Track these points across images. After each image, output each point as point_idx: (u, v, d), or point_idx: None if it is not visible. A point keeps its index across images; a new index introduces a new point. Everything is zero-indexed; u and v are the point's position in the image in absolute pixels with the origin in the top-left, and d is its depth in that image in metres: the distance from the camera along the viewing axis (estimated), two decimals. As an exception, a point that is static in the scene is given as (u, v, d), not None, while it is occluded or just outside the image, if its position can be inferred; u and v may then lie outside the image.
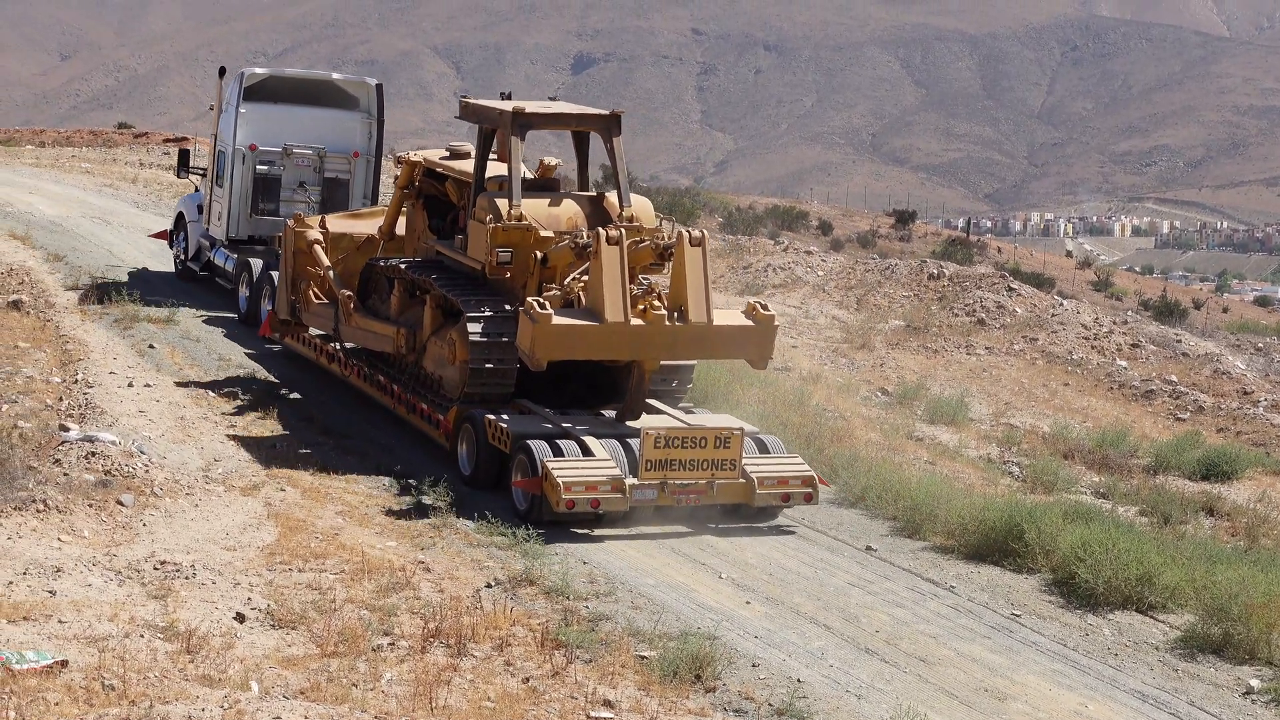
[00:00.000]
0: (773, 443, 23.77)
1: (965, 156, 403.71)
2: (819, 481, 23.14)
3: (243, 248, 34.85)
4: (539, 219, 24.27)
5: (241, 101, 34.95)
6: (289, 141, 35.06)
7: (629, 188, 25.11)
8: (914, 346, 40.52)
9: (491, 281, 24.60)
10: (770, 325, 23.98)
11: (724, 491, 22.37)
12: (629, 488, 21.75)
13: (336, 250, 28.94)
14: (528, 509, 22.03)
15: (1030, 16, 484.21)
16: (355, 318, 27.13)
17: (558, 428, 22.92)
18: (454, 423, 24.25)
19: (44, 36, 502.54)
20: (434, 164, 27.32)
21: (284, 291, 29.35)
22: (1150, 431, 34.53)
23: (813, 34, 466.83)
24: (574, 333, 22.63)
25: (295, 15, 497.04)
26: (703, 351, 24.17)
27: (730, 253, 52.11)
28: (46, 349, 28.43)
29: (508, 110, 24.72)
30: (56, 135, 79.55)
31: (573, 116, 25.94)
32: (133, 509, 19.79)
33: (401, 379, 26.30)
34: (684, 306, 23.16)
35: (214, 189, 35.82)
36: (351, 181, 35.29)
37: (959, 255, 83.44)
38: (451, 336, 24.39)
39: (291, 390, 27.98)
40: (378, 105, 35.72)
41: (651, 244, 23.62)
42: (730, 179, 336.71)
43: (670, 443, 22.05)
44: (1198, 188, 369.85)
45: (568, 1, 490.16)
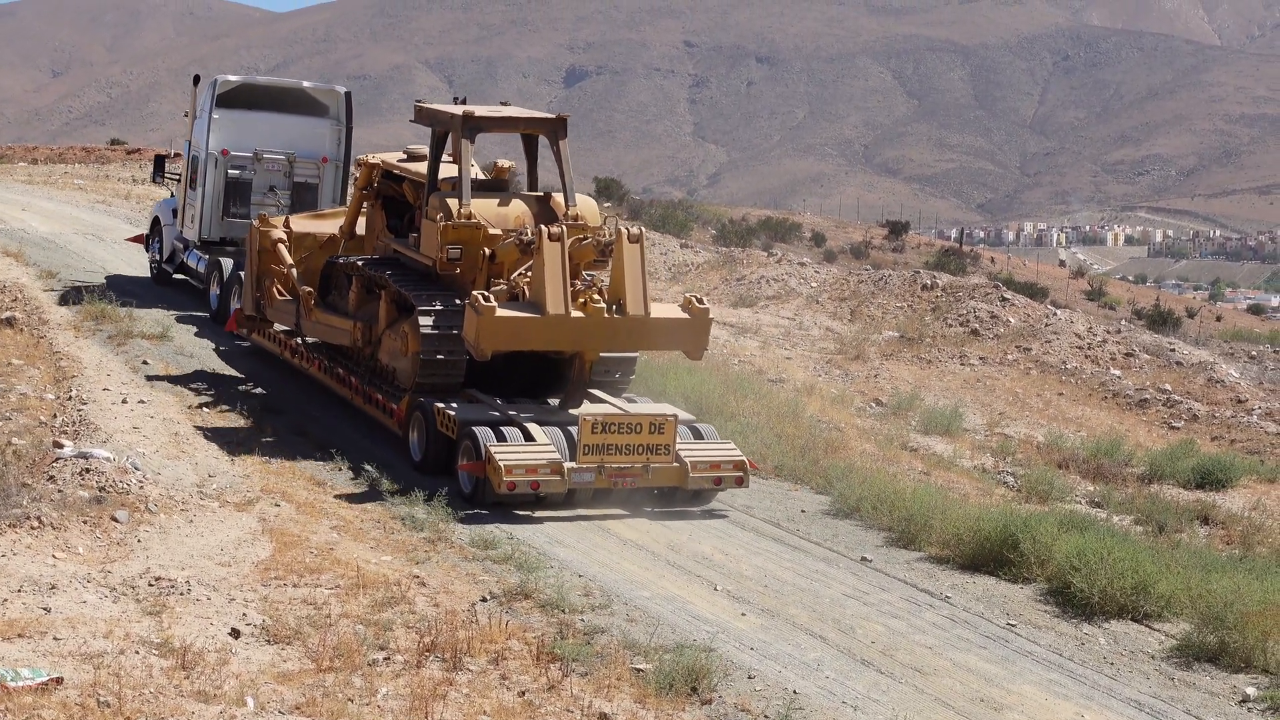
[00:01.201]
0: (707, 430, 24.87)
1: (958, 167, 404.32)
2: (750, 465, 24.34)
3: (214, 249, 35.96)
4: (488, 217, 25.53)
5: (214, 108, 36.11)
6: (260, 147, 36.25)
7: (574, 188, 26.26)
8: (908, 357, 40.53)
9: (443, 277, 25.78)
10: (705, 318, 25.06)
11: (659, 475, 23.46)
12: (567, 471, 22.86)
13: (300, 249, 30.08)
14: (472, 491, 23.27)
15: (1021, 26, 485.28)
16: (316, 313, 28.36)
17: (503, 415, 24.10)
18: (406, 411, 25.41)
19: (36, 53, 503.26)
20: (391, 166, 28.54)
21: (249, 289, 30.53)
22: (1144, 440, 34.54)
23: (804, 46, 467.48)
24: (517, 324, 23.77)
25: (287, 30, 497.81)
26: (640, 343, 25.30)
27: (723, 265, 52.14)
28: (40, 366, 28.39)
29: (458, 114, 26.05)
30: (49, 152, 79.58)
31: (520, 120, 27.13)
32: (127, 525, 19.77)
33: (359, 371, 27.45)
34: (622, 300, 24.32)
35: (188, 193, 36.88)
36: (321, 186, 36.43)
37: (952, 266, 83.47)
38: (405, 330, 25.56)
39: (285, 405, 27.95)
40: (347, 112, 36.88)
41: (593, 241, 24.64)
42: (723, 191, 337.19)
43: (607, 428, 23.13)
44: (1190, 196, 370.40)
45: (560, 15, 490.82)
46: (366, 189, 29.15)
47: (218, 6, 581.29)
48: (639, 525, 22.66)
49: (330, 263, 29.30)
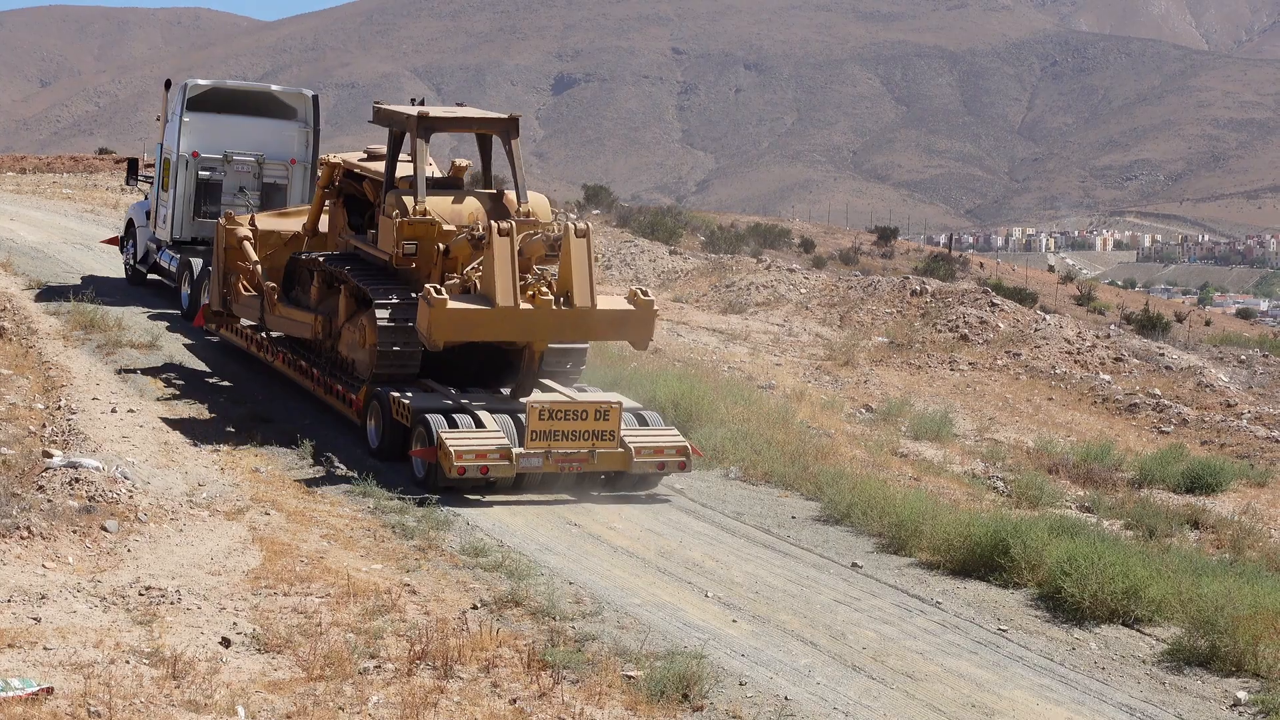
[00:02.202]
0: (651, 417, 25.91)
1: (946, 173, 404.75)
2: (692, 450, 25.31)
3: (186, 248, 36.85)
4: (442, 214, 26.51)
5: (185, 111, 36.98)
6: (230, 149, 37.11)
7: (525, 185, 27.32)
8: (897, 363, 40.57)
9: (399, 272, 26.71)
10: (649, 309, 26.02)
11: (604, 460, 24.46)
12: (516, 456, 23.89)
13: (266, 246, 31.01)
14: (425, 476, 24.34)
15: (1009, 32, 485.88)
16: (279, 307, 29.34)
17: (455, 404, 25.11)
18: (364, 401, 26.41)
19: (24, 63, 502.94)
20: (352, 165, 29.47)
21: (216, 285, 31.49)
22: (1134, 445, 34.57)
23: (793, 52, 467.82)
24: (468, 316, 24.81)
25: (275, 39, 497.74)
26: (587, 333, 26.33)
27: (713, 271, 52.18)
28: (29, 375, 28.39)
29: (413, 115, 26.95)
30: (37, 162, 79.52)
31: (474, 120, 28.12)
32: (117, 535, 19.75)
33: (320, 363, 28.44)
34: (570, 292, 25.28)
35: (160, 194, 37.75)
36: (289, 187, 37.32)
37: (941, 271, 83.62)
38: (363, 322, 26.59)
39: (276, 415, 27.93)
40: (314, 115, 37.90)
41: (543, 237, 25.67)
42: (712, 198, 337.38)
43: (554, 415, 24.21)
44: (1178, 201, 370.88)
45: (548, 22, 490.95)
46: (328, 188, 30.02)
47: (206, 16, 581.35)
48: (630, 533, 22.66)
49: (293, 259, 30.32)
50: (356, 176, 29.48)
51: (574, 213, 72.36)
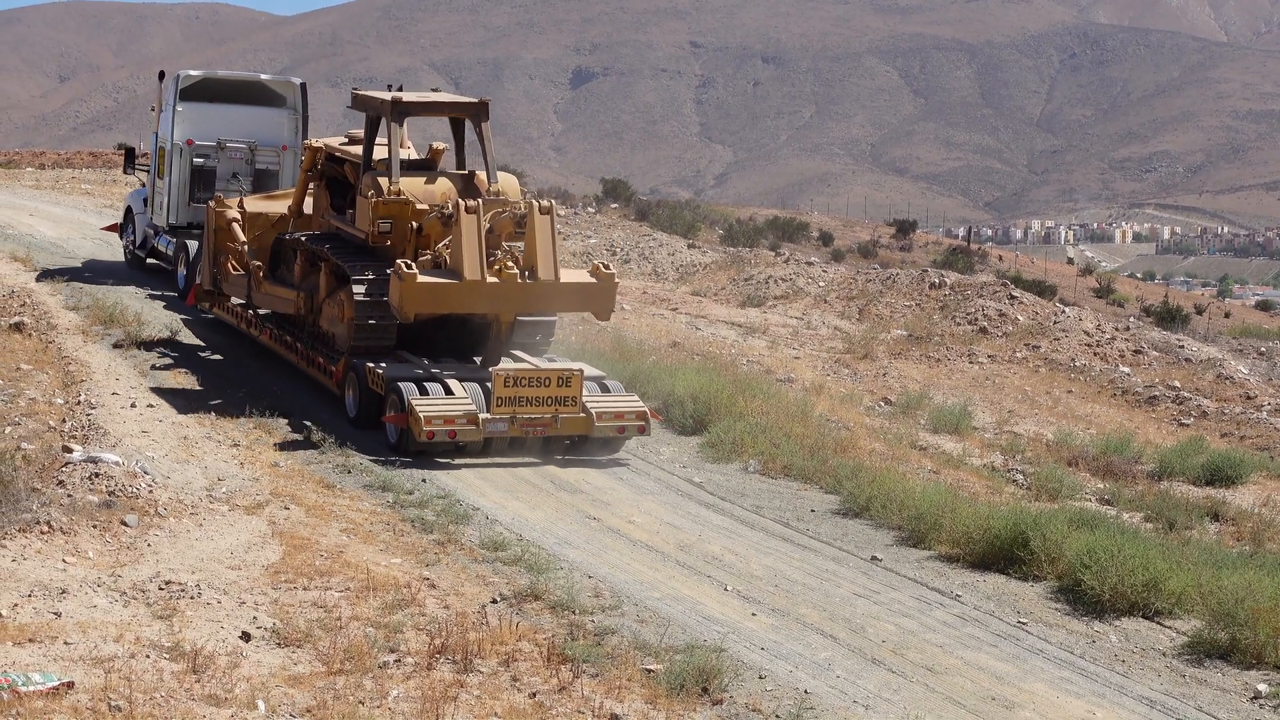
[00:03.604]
0: (614, 385, 27.39)
1: (965, 165, 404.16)
2: (651, 415, 26.98)
3: (181, 233, 38.12)
4: (415, 194, 28.07)
5: (179, 101, 38.45)
6: (223, 136, 38.56)
7: (496, 166, 28.71)
8: (916, 356, 40.53)
9: (376, 249, 28.18)
10: (610, 282, 27.64)
11: (567, 424, 25.99)
12: (482, 421, 25.37)
13: (254, 228, 32.57)
14: (397, 441, 25.89)
15: (1028, 24, 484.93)
16: (265, 285, 30.90)
17: (426, 373, 26.54)
18: (342, 372, 27.88)
19: (42, 59, 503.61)
20: (333, 149, 30.75)
21: (207, 265, 33.18)
22: (1154, 437, 34.50)
23: (811, 45, 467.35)
24: (437, 290, 26.31)
25: (293, 34, 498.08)
26: (551, 305, 27.88)
27: (731, 265, 52.14)
28: (49, 371, 28.44)
29: (387, 100, 28.37)
30: (56, 157, 79.57)
31: (446, 105, 29.85)
32: (137, 529, 19.78)
33: (303, 337, 29.89)
34: (535, 266, 26.79)
35: (156, 182, 39.13)
36: (280, 172, 38.62)
37: (960, 264, 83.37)
38: (341, 297, 28.12)
39: (296, 408, 27.96)
40: (302, 102, 39.22)
41: (511, 214, 27.14)
42: (730, 191, 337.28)
43: (518, 382, 25.72)
44: (1198, 193, 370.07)
45: (566, 16, 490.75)
46: (311, 170, 31.35)
47: (224, 11, 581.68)
48: (649, 526, 22.66)
49: (278, 239, 31.77)
50: (338, 160, 30.69)
51: (592, 206, 72.38)
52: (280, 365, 30.89)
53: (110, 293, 35.97)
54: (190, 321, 34.63)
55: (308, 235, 30.61)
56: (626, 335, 36.74)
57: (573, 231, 58.20)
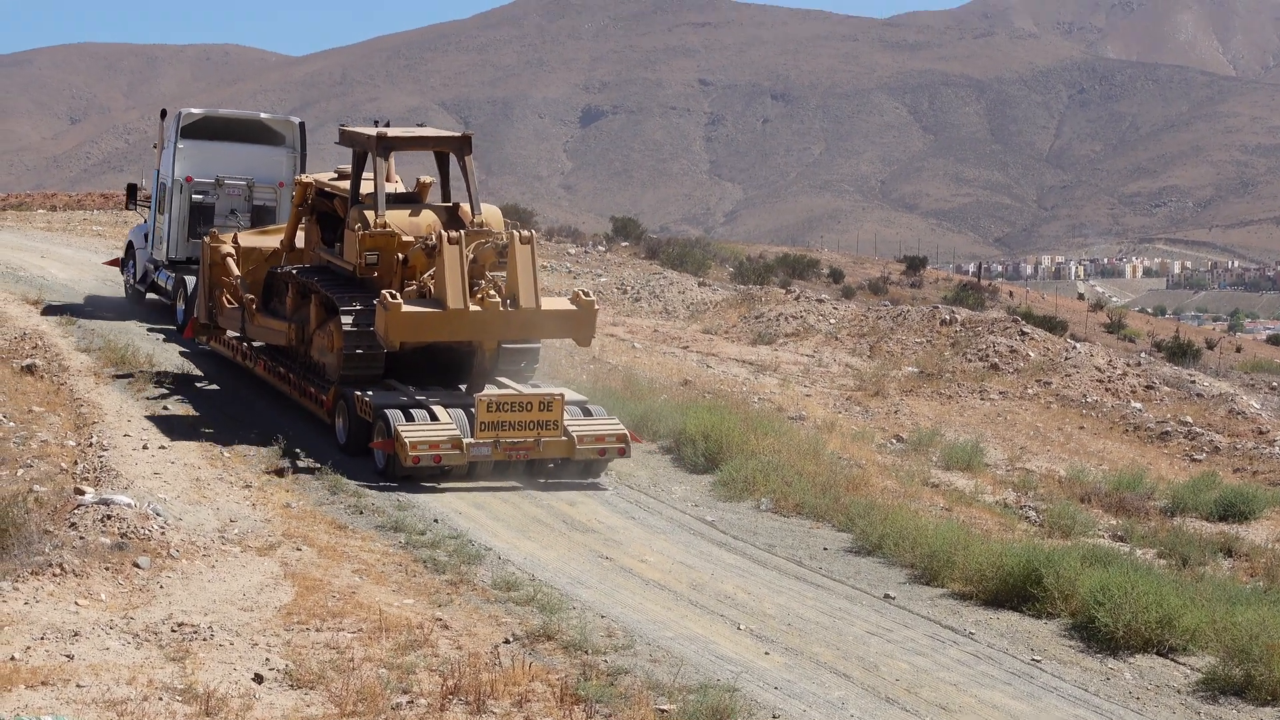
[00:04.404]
0: (596, 410, 28.07)
1: (975, 201, 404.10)
2: (632, 437, 27.70)
3: (181, 268, 38.67)
4: (401, 226, 28.86)
5: (179, 138, 39.07)
6: (221, 173, 39.24)
7: (479, 198, 29.33)
8: (928, 393, 40.50)
9: (364, 281, 28.90)
10: (590, 309, 28.46)
11: (549, 447, 26.73)
12: (467, 445, 26.19)
13: (249, 262, 33.24)
14: (385, 466, 26.54)
15: (1036, 60, 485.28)
16: (258, 317, 31.67)
17: (413, 400, 27.25)
18: (333, 401, 28.71)
19: (54, 101, 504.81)
20: (323, 184, 31.65)
21: (203, 299, 33.78)
22: (1166, 473, 34.46)
23: (819, 82, 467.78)
24: (421, 318, 27.19)
25: (303, 74, 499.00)
26: (533, 332, 28.63)
27: (742, 302, 52.12)
28: (61, 413, 28.46)
29: (373, 135, 29.17)
30: (67, 199, 79.70)
31: (430, 139, 30.53)
32: (149, 571, 19.78)
33: (295, 368, 30.58)
34: (516, 294, 27.63)
35: (156, 217, 39.75)
36: (278, 208, 39.13)
37: (970, 300, 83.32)
38: (331, 328, 28.90)
39: (309, 450, 27.95)
40: (301, 141, 39.82)
41: (493, 244, 28.03)
42: (740, 228, 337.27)
43: (501, 407, 26.48)
44: (1208, 227, 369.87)
45: (575, 55, 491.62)
46: (303, 205, 32.19)
47: (234, 51, 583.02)
48: (662, 565, 22.64)
49: (271, 272, 32.52)
50: (328, 194, 31.47)
51: (602, 244, 72.39)
52: (293, 405, 30.91)
53: (121, 334, 36.01)
54: (201, 362, 34.65)
55: (298, 268, 31.42)
56: (638, 374, 36.75)
57: (583, 270, 58.21)
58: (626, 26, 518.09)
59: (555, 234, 76.07)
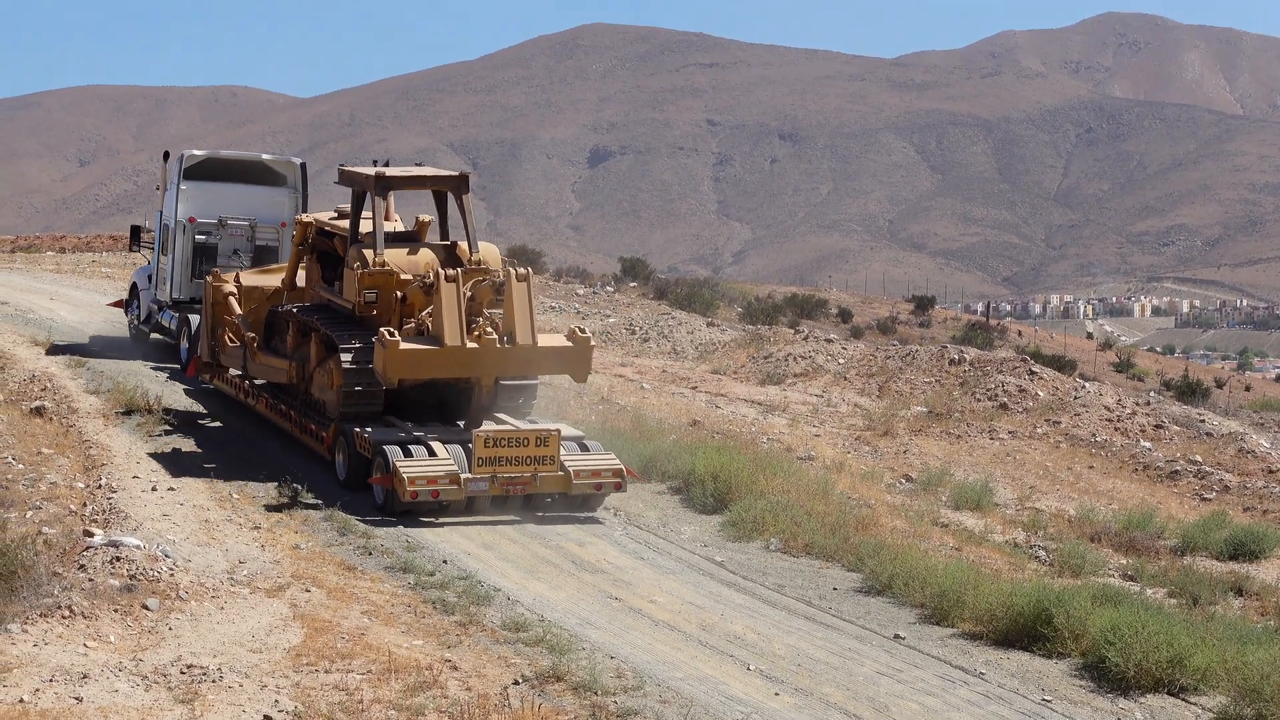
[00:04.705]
0: (593, 445, 28.34)
1: (983, 240, 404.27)
2: (628, 473, 27.83)
3: (184, 308, 39.05)
4: (399, 265, 29.12)
5: (182, 180, 39.42)
6: (224, 214, 39.67)
7: (476, 236, 29.63)
8: (937, 432, 40.47)
9: (363, 319, 29.24)
10: (586, 345, 28.80)
11: (545, 482, 26.97)
12: (464, 481, 26.37)
13: (250, 301, 33.53)
14: (384, 502, 26.82)
15: (1044, 99, 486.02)
16: (259, 355, 32.06)
17: (411, 436, 27.44)
18: (333, 437, 29.02)
19: (63, 143, 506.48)
20: (324, 223, 31.94)
21: (205, 337, 34.12)
22: (1176, 512, 34.41)
23: (827, 122, 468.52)
24: (418, 355, 27.45)
25: (311, 116, 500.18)
26: (530, 368, 28.88)
27: (750, 343, 52.14)
28: (70, 455, 28.49)
29: (371, 175, 29.59)
30: (77, 241, 79.95)
31: (428, 178, 30.87)
32: (158, 613, 19.78)
33: (296, 405, 30.96)
34: (513, 331, 28.00)
35: (160, 258, 40.12)
36: (280, 248, 39.30)
37: (979, 340, 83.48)
38: (330, 366, 29.21)
39: (318, 491, 27.94)
40: (302, 181, 40.28)
41: (490, 282, 28.40)
42: (748, 268, 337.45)
43: (498, 443, 26.62)
44: (1216, 266, 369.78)
45: (583, 95, 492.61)
46: (303, 244, 32.48)
47: (242, 93, 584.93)
48: (671, 606, 22.60)
49: (272, 311, 32.96)
50: (328, 234, 31.76)
51: (611, 285, 72.47)
52: (299, 443, 30.95)
53: (130, 376, 36.07)
54: (207, 402, 34.70)
55: (299, 306, 31.72)
56: (646, 414, 36.75)
57: (591, 311, 58.26)
58: (634, 67, 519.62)
59: (564, 274, 76.22)
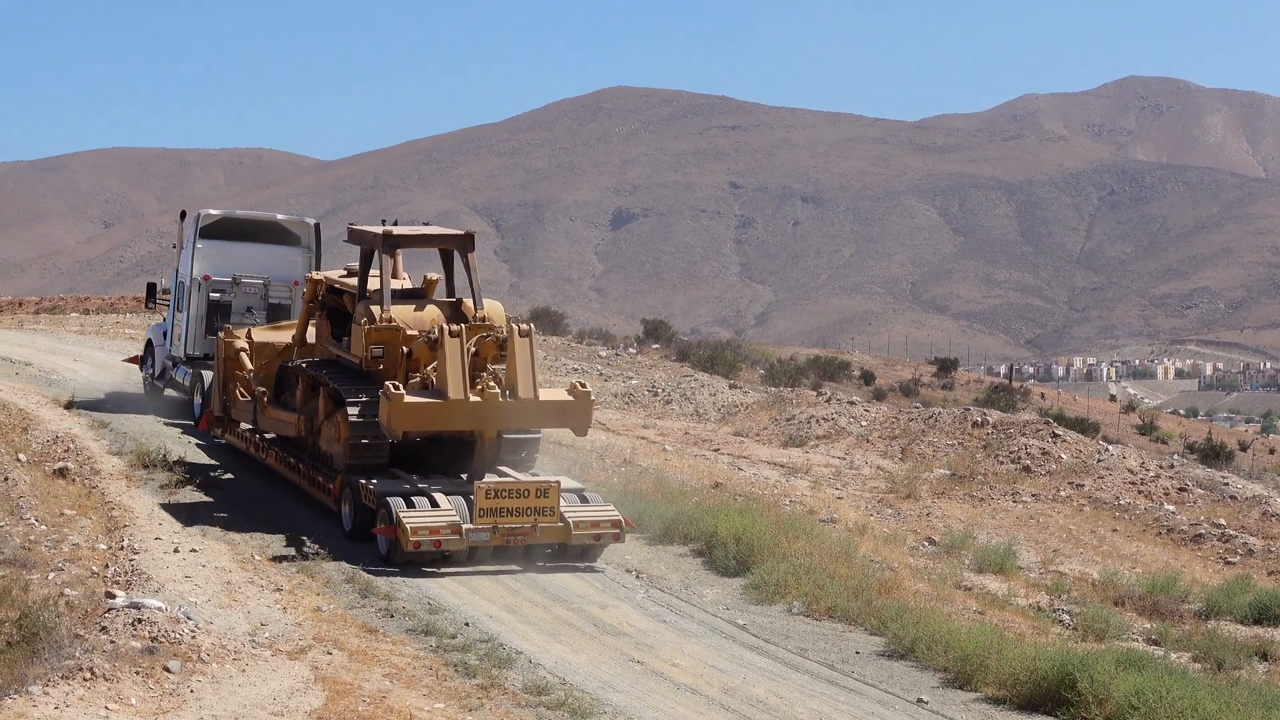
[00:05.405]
0: (593, 496, 29.02)
1: (1006, 303, 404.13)
2: (626, 524, 28.28)
3: (198, 364, 39.59)
4: (406, 321, 29.89)
5: (198, 238, 40.03)
6: (239, 272, 40.36)
7: (481, 293, 30.47)
8: (960, 495, 40.39)
9: (370, 374, 29.88)
10: (587, 399, 29.39)
11: (545, 533, 27.52)
12: (466, 531, 26.91)
13: (261, 356, 34.34)
14: (387, 552, 27.33)
15: (1066, 162, 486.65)
16: (269, 410, 32.81)
17: (414, 487, 28.02)
18: (339, 489, 29.48)
19: (88, 205, 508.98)
20: (333, 281, 32.82)
21: (217, 392, 34.96)
22: (1200, 576, 34.29)
23: (850, 184, 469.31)
24: (422, 409, 28.16)
25: (336, 178, 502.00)
26: (531, 421, 29.40)
27: (773, 405, 52.11)
28: (92, 516, 28.50)
29: (378, 233, 30.31)
30: (100, 302, 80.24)
31: (434, 237, 31.63)
32: (180, 675, 19.75)
33: (304, 458, 31.45)
34: (515, 385, 28.60)
35: (175, 315, 40.68)
36: (293, 307, 40.14)
37: (1002, 402, 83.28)
38: (338, 419, 29.76)
39: (338, 551, 27.95)
40: (316, 241, 40.89)
41: (494, 338, 28.95)
42: (771, 330, 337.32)
43: (499, 494, 27.18)
44: (1239, 329, 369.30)
45: (606, 158, 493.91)
46: (313, 301, 33.30)
47: (267, 156, 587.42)
48: (693, 669, 22.54)
49: (282, 366, 33.62)
50: (338, 291, 32.69)
51: (634, 347, 72.47)
52: (311, 498, 31.05)
53: (153, 437, 36.12)
54: (229, 461, 34.74)
55: (308, 361, 32.40)
56: (669, 476, 36.73)
57: (614, 373, 58.29)
58: (657, 130, 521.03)
59: (586, 336, 76.17)
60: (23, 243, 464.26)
